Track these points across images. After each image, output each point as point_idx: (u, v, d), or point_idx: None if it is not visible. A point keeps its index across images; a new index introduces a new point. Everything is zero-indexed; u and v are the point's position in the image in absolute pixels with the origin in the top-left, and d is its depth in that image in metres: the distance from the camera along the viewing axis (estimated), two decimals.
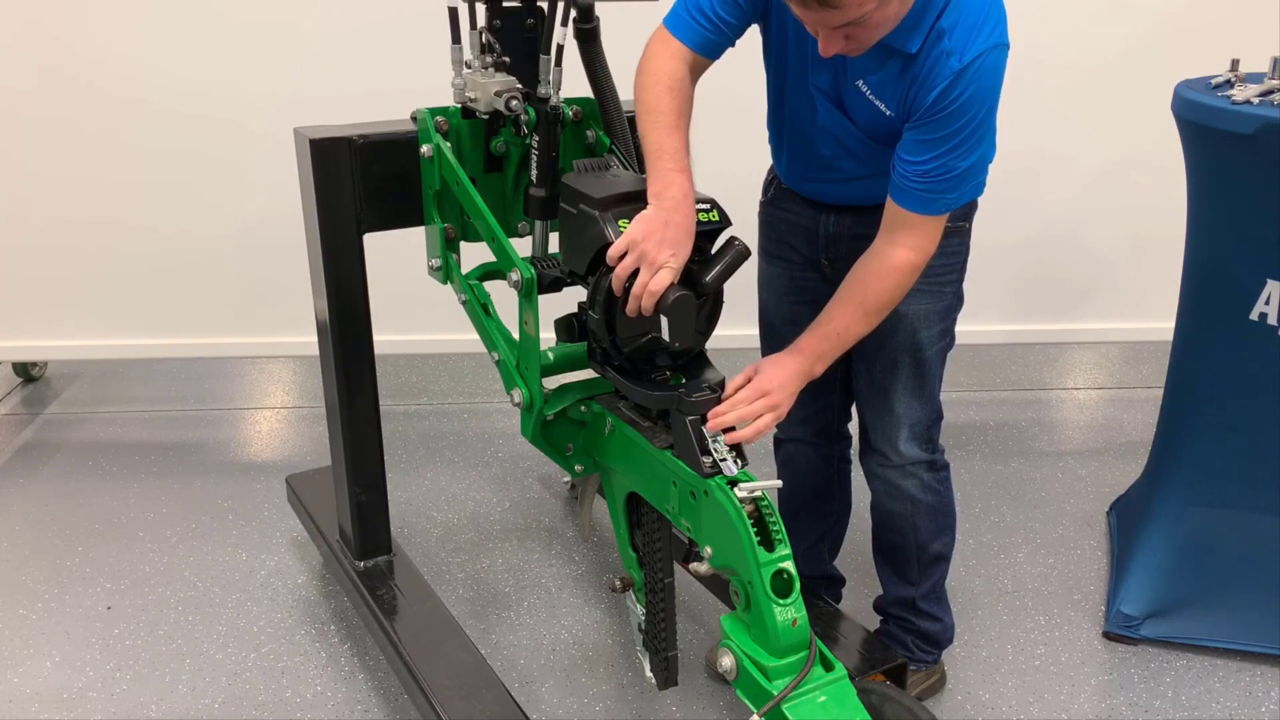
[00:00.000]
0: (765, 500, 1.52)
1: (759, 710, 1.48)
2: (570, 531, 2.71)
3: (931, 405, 1.95)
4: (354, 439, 2.16)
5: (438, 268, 2.00)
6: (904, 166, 1.61)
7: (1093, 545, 2.67)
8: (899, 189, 1.63)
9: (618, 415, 1.76)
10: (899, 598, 2.11)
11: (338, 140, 1.92)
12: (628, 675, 2.20)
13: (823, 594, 2.21)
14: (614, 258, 1.56)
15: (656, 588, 1.81)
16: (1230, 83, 2.14)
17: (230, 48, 2.79)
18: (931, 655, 2.14)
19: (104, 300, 3.04)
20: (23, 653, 2.27)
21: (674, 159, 1.61)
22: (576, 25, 1.78)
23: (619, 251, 1.55)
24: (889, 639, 2.12)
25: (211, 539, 2.67)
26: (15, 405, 3.41)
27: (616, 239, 1.57)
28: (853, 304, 1.68)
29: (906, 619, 2.11)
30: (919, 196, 1.61)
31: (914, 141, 1.59)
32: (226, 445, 3.19)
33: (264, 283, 3.01)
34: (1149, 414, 2.67)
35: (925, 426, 1.96)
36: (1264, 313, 2.08)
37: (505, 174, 2.00)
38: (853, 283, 1.69)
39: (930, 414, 1.96)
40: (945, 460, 2.01)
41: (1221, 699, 2.16)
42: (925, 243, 1.66)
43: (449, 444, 3.16)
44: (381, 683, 2.18)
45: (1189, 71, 2.24)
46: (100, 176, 2.90)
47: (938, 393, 1.96)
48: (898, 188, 1.63)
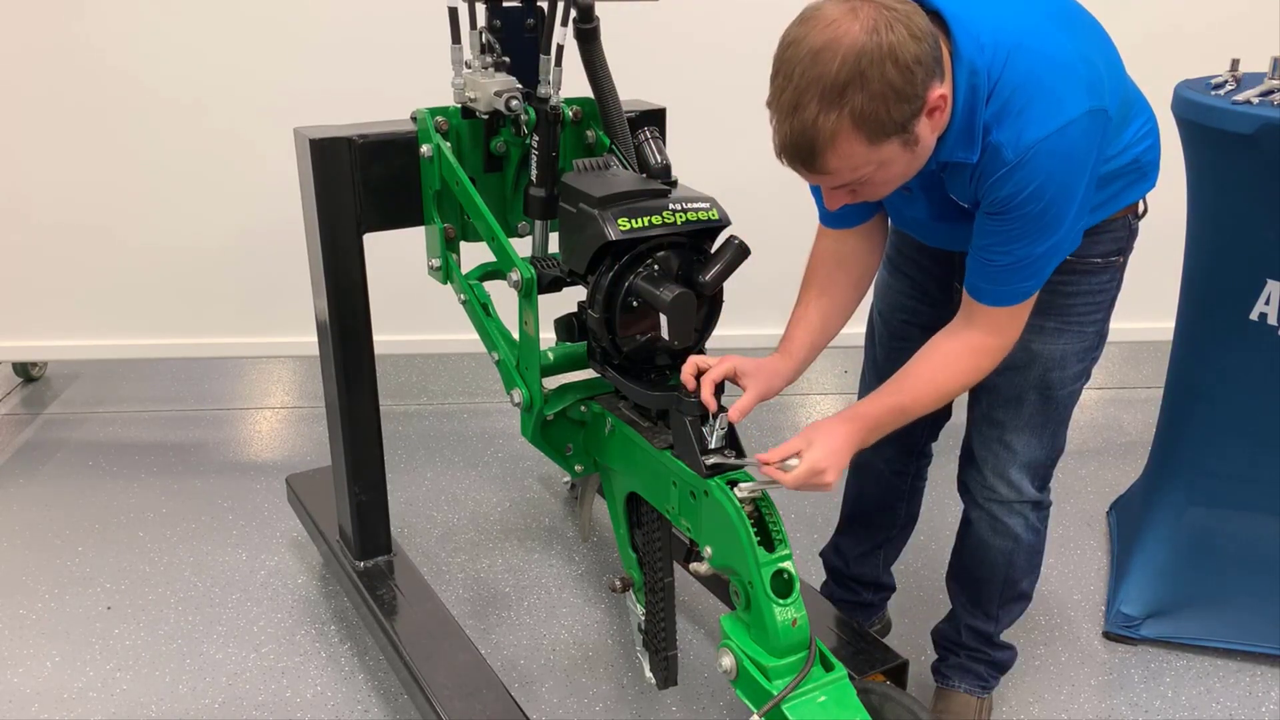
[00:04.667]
0: (765, 500, 1.52)
1: (759, 710, 1.48)
2: (570, 531, 2.70)
3: (1054, 446, 1.82)
4: (354, 439, 2.16)
5: (438, 268, 2.00)
6: (978, 255, 1.50)
7: (1093, 545, 2.66)
8: (972, 282, 1.52)
9: (618, 415, 1.76)
10: (977, 630, 2.00)
11: (338, 140, 1.92)
12: (628, 675, 2.20)
13: (868, 596, 2.20)
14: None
15: (656, 588, 1.81)
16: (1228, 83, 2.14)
17: (230, 47, 2.79)
18: (998, 681, 2.09)
19: (104, 300, 3.03)
20: (23, 653, 2.26)
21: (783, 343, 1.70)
22: (576, 25, 1.78)
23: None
24: (956, 671, 2.05)
25: (211, 539, 2.67)
26: (15, 405, 3.41)
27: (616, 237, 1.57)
28: (925, 381, 1.56)
29: (981, 650, 2.02)
30: (994, 292, 1.51)
31: (985, 233, 1.48)
32: (226, 445, 3.19)
33: (264, 282, 3.01)
34: (1149, 414, 2.67)
35: (1043, 466, 1.83)
36: (1264, 313, 2.08)
37: (505, 174, 2.00)
38: (930, 360, 1.57)
39: (1051, 455, 1.82)
40: (1051, 499, 1.90)
41: (1221, 699, 2.16)
42: (1009, 328, 1.54)
43: (449, 444, 3.16)
44: (381, 683, 2.18)
45: (1189, 71, 2.24)
46: (100, 176, 2.89)
47: (1064, 433, 1.82)
48: (971, 280, 1.52)
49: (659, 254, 1.63)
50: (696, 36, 2.79)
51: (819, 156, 1.33)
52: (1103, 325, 1.76)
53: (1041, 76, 1.39)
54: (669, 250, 1.64)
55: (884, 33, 1.26)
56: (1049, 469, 1.86)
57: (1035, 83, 1.39)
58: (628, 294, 1.62)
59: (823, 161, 1.34)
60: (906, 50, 1.27)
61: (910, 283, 1.88)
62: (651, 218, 1.60)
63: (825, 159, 1.34)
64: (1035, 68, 1.39)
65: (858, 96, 1.27)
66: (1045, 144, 1.38)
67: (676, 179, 1.73)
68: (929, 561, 2.56)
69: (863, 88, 1.27)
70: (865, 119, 1.29)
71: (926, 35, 1.31)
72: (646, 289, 1.60)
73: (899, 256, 1.90)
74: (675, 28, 2.69)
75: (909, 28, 1.28)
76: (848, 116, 1.29)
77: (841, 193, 1.45)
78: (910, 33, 1.28)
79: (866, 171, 1.37)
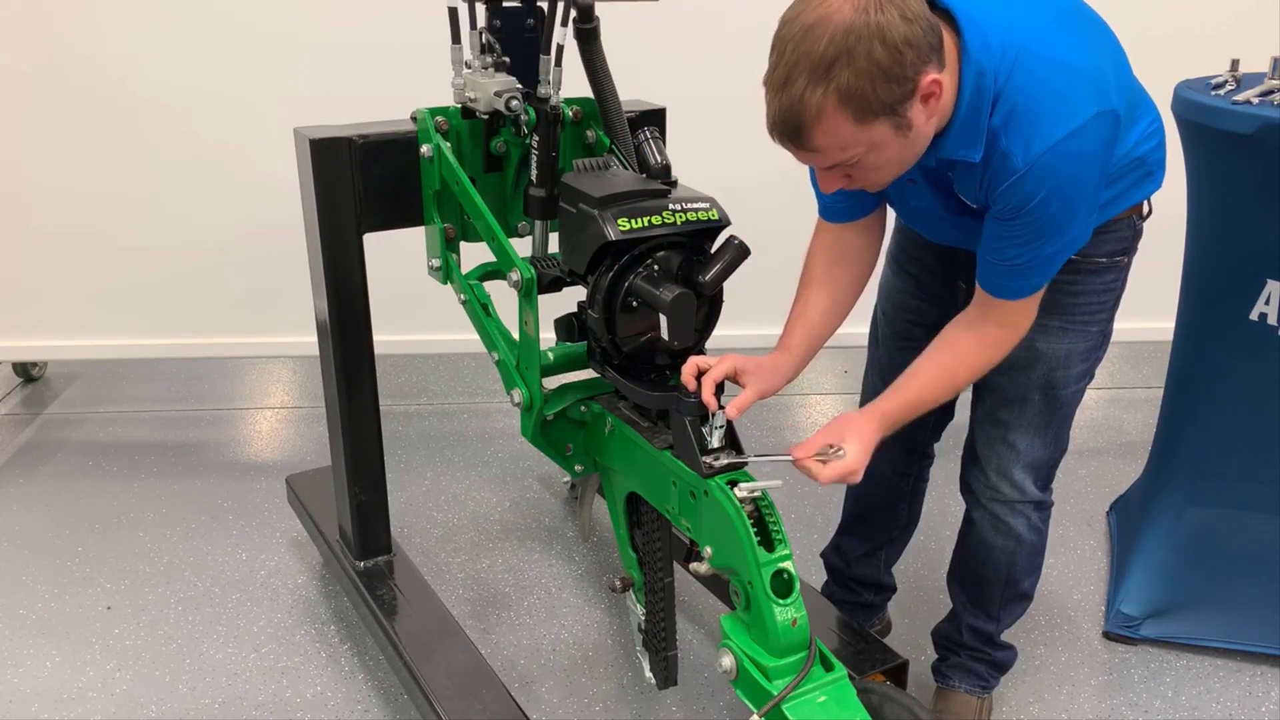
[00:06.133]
0: (765, 500, 1.52)
1: (759, 710, 1.48)
2: (570, 531, 2.70)
3: (1058, 445, 1.83)
4: (354, 439, 2.16)
5: (438, 268, 2.00)
6: (988, 254, 1.51)
7: (1093, 545, 2.66)
8: (985, 277, 1.54)
9: (618, 415, 1.76)
10: (977, 630, 2.01)
11: (338, 140, 1.92)
12: (628, 675, 2.20)
13: (869, 597, 2.20)
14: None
15: (656, 588, 1.81)
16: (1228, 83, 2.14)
17: (230, 47, 2.79)
18: (998, 681, 2.09)
19: (104, 300, 3.03)
20: (23, 653, 2.26)
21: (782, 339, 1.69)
22: (576, 25, 1.78)
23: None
24: (956, 671, 2.05)
25: (211, 539, 2.67)
26: (15, 405, 3.41)
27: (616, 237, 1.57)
28: (940, 375, 1.58)
29: (982, 650, 2.03)
30: (1007, 287, 1.52)
31: (995, 235, 1.49)
32: (226, 445, 3.19)
33: (264, 283, 3.01)
34: (1149, 414, 2.67)
35: (1046, 466, 1.84)
36: (1264, 313, 2.08)
37: (505, 174, 2.00)
38: (942, 351, 1.59)
39: (1054, 454, 1.83)
40: (1053, 499, 1.90)
41: (1221, 699, 2.16)
42: (1021, 320, 1.56)
43: (449, 444, 3.16)
44: (381, 683, 2.18)
45: (1189, 71, 2.24)
46: (100, 177, 2.90)
47: (1067, 433, 1.83)
48: (983, 275, 1.54)
49: (659, 254, 1.63)
50: (696, 36, 2.79)
51: (805, 133, 1.34)
52: (1107, 325, 1.76)
53: (1049, 82, 1.39)
54: (669, 250, 1.64)
55: (874, 13, 1.27)
56: (1052, 469, 1.86)
57: (1043, 89, 1.39)
58: (627, 294, 1.62)
59: (809, 138, 1.35)
60: (895, 30, 1.28)
61: (915, 282, 1.88)
62: (651, 218, 1.60)
63: (812, 135, 1.34)
64: (1042, 73, 1.40)
65: (844, 73, 1.28)
66: (1055, 150, 1.38)
67: (676, 179, 1.73)
68: (929, 562, 2.56)
69: (849, 64, 1.28)
70: (851, 96, 1.29)
71: (919, 19, 1.31)
72: (646, 289, 1.60)
73: (903, 256, 1.90)
74: (675, 28, 2.69)
75: (901, 10, 1.29)
76: (834, 93, 1.29)
77: (835, 175, 1.45)
78: (902, 15, 1.29)
79: (856, 152, 1.37)
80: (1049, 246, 1.47)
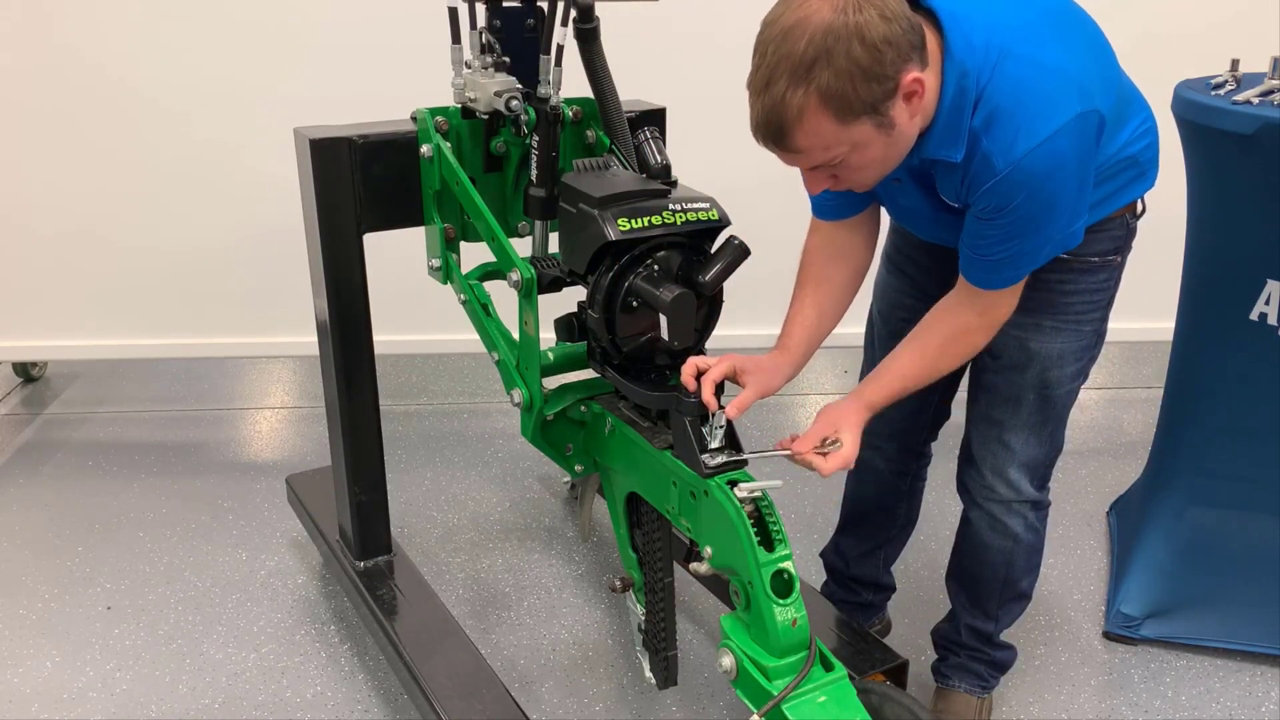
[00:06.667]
0: (765, 500, 1.52)
1: (759, 710, 1.48)
2: (570, 531, 2.70)
3: (1053, 445, 1.83)
4: (354, 439, 2.16)
5: (438, 268, 2.00)
6: (968, 248, 1.53)
7: (1093, 545, 2.66)
8: (966, 268, 1.55)
9: (618, 415, 1.76)
10: (976, 630, 2.01)
11: (338, 140, 1.92)
12: (628, 675, 2.20)
13: (869, 596, 2.20)
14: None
15: (656, 588, 1.81)
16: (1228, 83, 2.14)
17: (230, 47, 2.79)
18: (998, 681, 2.09)
19: (104, 300, 3.03)
20: (23, 653, 2.26)
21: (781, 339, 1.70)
22: (576, 25, 1.78)
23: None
24: (956, 671, 2.05)
25: (211, 539, 2.67)
26: (15, 405, 3.41)
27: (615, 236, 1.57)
28: (919, 358, 1.61)
29: (981, 650, 2.03)
30: (987, 279, 1.54)
31: (976, 232, 1.50)
32: (226, 445, 3.19)
33: (264, 283, 3.01)
34: (1149, 414, 2.67)
35: (1041, 465, 1.84)
36: (1264, 313, 2.08)
37: (505, 174, 2.00)
38: (923, 337, 1.62)
39: (1049, 454, 1.84)
40: (1050, 499, 1.90)
41: (1221, 699, 2.16)
42: (1000, 309, 1.57)
43: (449, 444, 3.16)
44: (381, 683, 2.18)
45: (1189, 71, 2.24)
46: (100, 176, 2.90)
47: (1061, 432, 1.83)
48: (965, 266, 1.55)
49: (659, 254, 1.63)
50: (696, 36, 2.79)
51: (788, 134, 1.35)
52: (1101, 324, 1.76)
53: (1031, 84, 1.40)
54: (669, 250, 1.64)
55: (852, 13, 1.28)
56: (1048, 468, 1.87)
57: (1025, 90, 1.40)
58: (627, 294, 1.62)
59: (792, 139, 1.35)
60: (874, 30, 1.29)
61: (910, 282, 1.88)
62: (651, 218, 1.60)
63: (794, 136, 1.35)
64: (1025, 75, 1.40)
65: (824, 73, 1.29)
66: (1034, 153, 1.39)
67: (676, 179, 1.73)
68: (929, 561, 2.56)
69: (829, 64, 1.28)
70: (832, 96, 1.30)
71: (899, 18, 1.31)
72: (646, 289, 1.60)
73: (899, 255, 1.90)
74: (675, 28, 2.69)
75: (880, 10, 1.30)
76: (815, 93, 1.30)
77: (820, 176, 1.45)
78: (881, 14, 1.29)
79: (840, 152, 1.37)
80: (1028, 243, 1.49)
